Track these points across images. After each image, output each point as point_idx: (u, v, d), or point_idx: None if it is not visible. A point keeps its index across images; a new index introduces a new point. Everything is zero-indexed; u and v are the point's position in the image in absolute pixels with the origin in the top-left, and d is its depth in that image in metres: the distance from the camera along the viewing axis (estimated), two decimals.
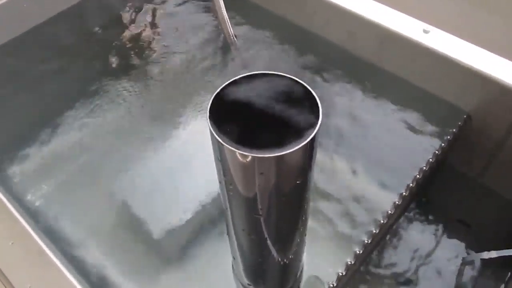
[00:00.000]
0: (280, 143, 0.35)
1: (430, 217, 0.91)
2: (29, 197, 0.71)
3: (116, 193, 0.72)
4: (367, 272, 0.82)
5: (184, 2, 1.04)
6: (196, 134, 0.80)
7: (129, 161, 0.75)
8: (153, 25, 1.00)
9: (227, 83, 0.38)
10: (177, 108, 0.83)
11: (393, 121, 0.79)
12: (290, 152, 0.34)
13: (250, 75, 0.39)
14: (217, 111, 0.37)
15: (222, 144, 0.35)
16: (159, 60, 0.92)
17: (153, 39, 0.97)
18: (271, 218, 0.43)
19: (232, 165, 0.37)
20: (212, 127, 0.36)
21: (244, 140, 0.35)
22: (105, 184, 0.73)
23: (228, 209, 0.45)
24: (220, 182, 0.42)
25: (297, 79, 0.38)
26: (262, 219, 0.43)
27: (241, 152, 0.34)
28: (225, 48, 0.93)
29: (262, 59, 0.91)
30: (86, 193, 0.72)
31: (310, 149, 0.37)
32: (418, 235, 0.89)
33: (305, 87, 0.38)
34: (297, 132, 0.36)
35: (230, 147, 0.35)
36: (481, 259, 0.73)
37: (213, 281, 0.63)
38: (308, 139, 0.35)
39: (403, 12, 0.81)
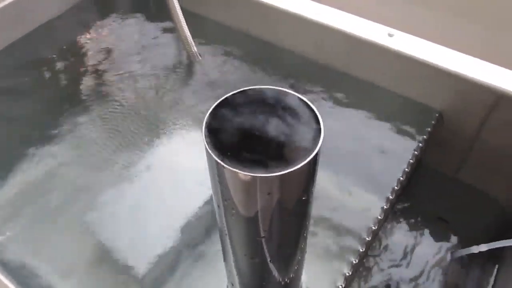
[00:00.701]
0: (282, 160, 0.33)
1: (409, 217, 0.91)
2: None
3: (90, 228, 0.67)
4: (357, 279, 0.81)
5: (140, 23, 1.01)
6: (171, 157, 0.77)
7: (102, 193, 0.71)
8: (108, 51, 0.96)
9: (220, 100, 0.36)
10: (147, 132, 0.80)
11: (368, 126, 0.79)
12: (297, 168, 0.33)
13: (244, 90, 0.37)
14: (212, 131, 0.35)
15: (224, 167, 0.33)
16: (122, 84, 0.89)
17: (110, 62, 0.93)
18: (276, 239, 0.41)
19: (236, 188, 0.35)
20: (211, 150, 0.33)
21: (245, 160, 0.33)
22: (78, 220, 0.68)
23: (228, 235, 0.43)
24: (218, 207, 0.40)
25: (293, 92, 0.37)
26: (265, 241, 0.40)
27: (247, 173, 0.32)
28: (190, 66, 0.91)
29: (228, 75, 0.89)
30: (58, 230, 0.67)
31: (314, 163, 0.35)
32: (400, 236, 0.89)
33: (301, 99, 0.37)
34: (299, 147, 0.34)
35: (234, 170, 0.32)
36: (469, 254, 0.73)
37: None
38: (314, 153, 0.34)
39: (367, 19, 0.82)
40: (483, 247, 0.68)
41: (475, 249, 0.70)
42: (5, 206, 0.70)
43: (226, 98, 0.36)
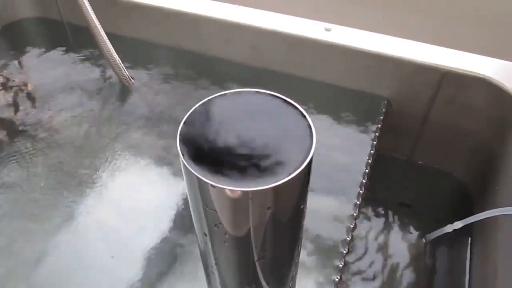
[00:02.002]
0: (275, 169, 0.29)
1: (373, 207, 0.90)
2: None
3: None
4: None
5: (60, 55, 0.93)
6: (117, 190, 0.70)
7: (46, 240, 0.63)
8: (29, 97, 0.88)
9: (188, 114, 0.32)
10: (89, 167, 0.72)
11: (322, 124, 0.77)
12: (297, 174, 0.29)
13: (219, 95, 0.32)
14: (189, 148, 0.30)
15: (215, 187, 0.28)
16: (51, 123, 0.80)
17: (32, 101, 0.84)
18: (273, 258, 0.36)
19: (229, 208, 0.30)
20: (198, 171, 0.29)
21: (234, 175, 0.29)
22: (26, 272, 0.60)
23: (217, 265, 0.38)
24: (205, 235, 0.35)
25: (272, 92, 0.33)
26: (262, 263, 0.36)
27: (246, 189, 0.28)
28: (123, 91, 0.84)
29: (164, 94, 0.84)
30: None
31: (309, 168, 0.31)
32: (366, 227, 0.88)
33: (280, 98, 0.33)
34: (290, 151, 0.30)
35: (229, 188, 0.28)
36: (443, 233, 0.73)
37: None
38: (311, 155, 0.30)
39: (302, 17, 0.80)
40: (458, 225, 0.67)
41: (450, 227, 0.69)
42: None
43: (199, 107, 0.32)
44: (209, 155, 0.30)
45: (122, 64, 0.81)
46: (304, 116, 0.32)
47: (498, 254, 0.65)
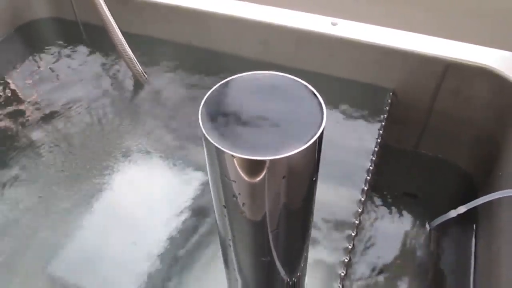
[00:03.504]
0: (289, 140, 0.32)
1: (379, 198, 0.93)
2: None
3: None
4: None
5: (78, 53, 0.97)
6: (131, 186, 0.72)
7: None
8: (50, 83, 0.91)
9: (211, 90, 0.34)
10: (106, 158, 0.75)
11: (330, 115, 0.80)
12: (310, 145, 0.31)
13: (235, 77, 0.35)
14: (210, 121, 0.33)
15: (234, 156, 0.31)
16: (72, 113, 0.84)
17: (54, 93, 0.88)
18: (288, 229, 0.39)
19: (246, 178, 0.33)
20: (218, 143, 0.31)
21: (251, 146, 0.32)
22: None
23: (234, 237, 0.40)
24: (224, 208, 0.37)
25: (286, 74, 0.36)
26: (277, 234, 0.39)
27: (262, 158, 0.30)
28: (137, 87, 0.87)
29: (178, 89, 0.87)
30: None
31: (320, 140, 0.34)
32: (373, 219, 0.90)
33: (295, 80, 0.36)
34: (304, 123, 0.33)
35: (247, 157, 0.30)
36: (446, 220, 0.75)
37: None
38: (321, 129, 0.32)
39: (308, 12, 0.83)
40: (462, 209, 0.69)
41: (453, 213, 0.72)
42: None
43: (219, 86, 0.35)
44: (228, 128, 0.32)
45: (136, 60, 0.84)
46: (315, 95, 0.35)
47: (502, 238, 0.68)
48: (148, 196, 0.71)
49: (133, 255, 0.63)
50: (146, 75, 0.87)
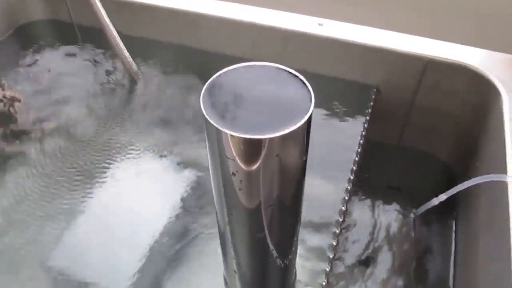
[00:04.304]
0: (281, 122, 0.36)
1: (363, 192, 0.97)
2: None
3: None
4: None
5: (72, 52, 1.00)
6: (126, 183, 0.76)
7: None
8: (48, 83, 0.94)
9: (214, 77, 0.38)
10: (102, 159, 0.78)
11: (317, 111, 0.84)
12: (301, 126, 0.35)
13: (233, 68, 0.39)
14: (211, 106, 0.37)
15: (233, 136, 0.35)
16: (67, 111, 0.87)
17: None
18: (280, 205, 0.43)
19: (246, 155, 0.36)
20: (218, 124, 0.35)
21: (248, 127, 0.36)
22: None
23: (231, 215, 0.44)
24: (224, 185, 0.41)
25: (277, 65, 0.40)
26: (272, 210, 0.42)
27: (256, 137, 0.34)
28: (133, 85, 0.91)
29: (171, 87, 0.91)
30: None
31: (309, 123, 0.38)
32: (358, 212, 0.94)
33: (285, 69, 0.40)
34: (293, 110, 0.37)
35: (244, 137, 0.34)
36: (428, 210, 0.80)
37: None
38: (309, 113, 0.37)
39: (295, 12, 0.87)
40: (443, 197, 0.74)
41: (435, 201, 0.76)
42: None
43: (219, 74, 0.39)
44: (227, 111, 0.36)
45: (131, 60, 0.87)
46: (304, 83, 0.39)
47: (478, 223, 0.72)
48: (143, 190, 0.74)
49: (132, 243, 0.66)
50: (141, 74, 0.91)
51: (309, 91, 0.38)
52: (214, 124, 0.35)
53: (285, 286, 0.59)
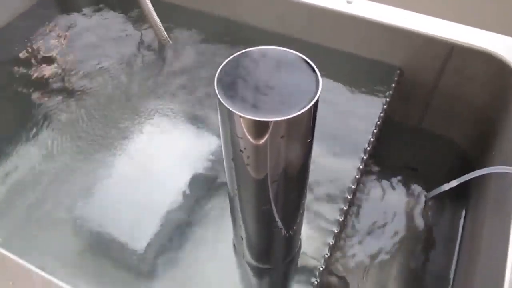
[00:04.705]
0: (289, 106, 0.38)
1: (380, 170, 0.98)
2: None
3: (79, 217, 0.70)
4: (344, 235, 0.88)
5: (104, 15, 1.03)
6: (152, 145, 0.80)
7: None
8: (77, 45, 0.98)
9: (227, 60, 0.41)
10: (129, 119, 0.83)
11: (335, 90, 0.85)
12: (306, 111, 0.38)
13: (247, 51, 0.42)
14: (224, 87, 0.39)
15: (242, 117, 0.38)
16: (96, 75, 0.91)
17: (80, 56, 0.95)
18: (285, 181, 0.46)
19: (254, 135, 0.39)
20: (230, 105, 0.38)
21: (257, 109, 0.38)
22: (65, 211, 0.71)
23: (240, 187, 0.48)
24: (234, 160, 0.44)
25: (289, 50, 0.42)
26: (277, 185, 0.46)
27: (264, 119, 0.37)
28: (162, 51, 0.94)
29: (199, 55, 0.93)
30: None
31: (315, 108, 0.40)
32: (374, 190, 0.97)
33: (296, 54, 0.42)
34: (301, 96, 0.39)
35: (253, 118, 0.37)
36: (440, 194, 0.82)
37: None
38: (315, 99, 0.39)
39: None
40: (454, 183, 0.75)
41: (446, 186, 0.78)
42: None
43: (233, 57, 0.41)
44: (238, 93, 0.39)
45: (162, 26, 0.90)
46: (313, 69, 0.41)
47: (485, 212, 0.74)
48: (168, 151, 0.78)
49: (152, 199, 0.71)
50: (170, 41, 0.93)
51: (317, 77, 0.40)
52: (226, 105, 0.38)
53: (289, 254, 0.63)
